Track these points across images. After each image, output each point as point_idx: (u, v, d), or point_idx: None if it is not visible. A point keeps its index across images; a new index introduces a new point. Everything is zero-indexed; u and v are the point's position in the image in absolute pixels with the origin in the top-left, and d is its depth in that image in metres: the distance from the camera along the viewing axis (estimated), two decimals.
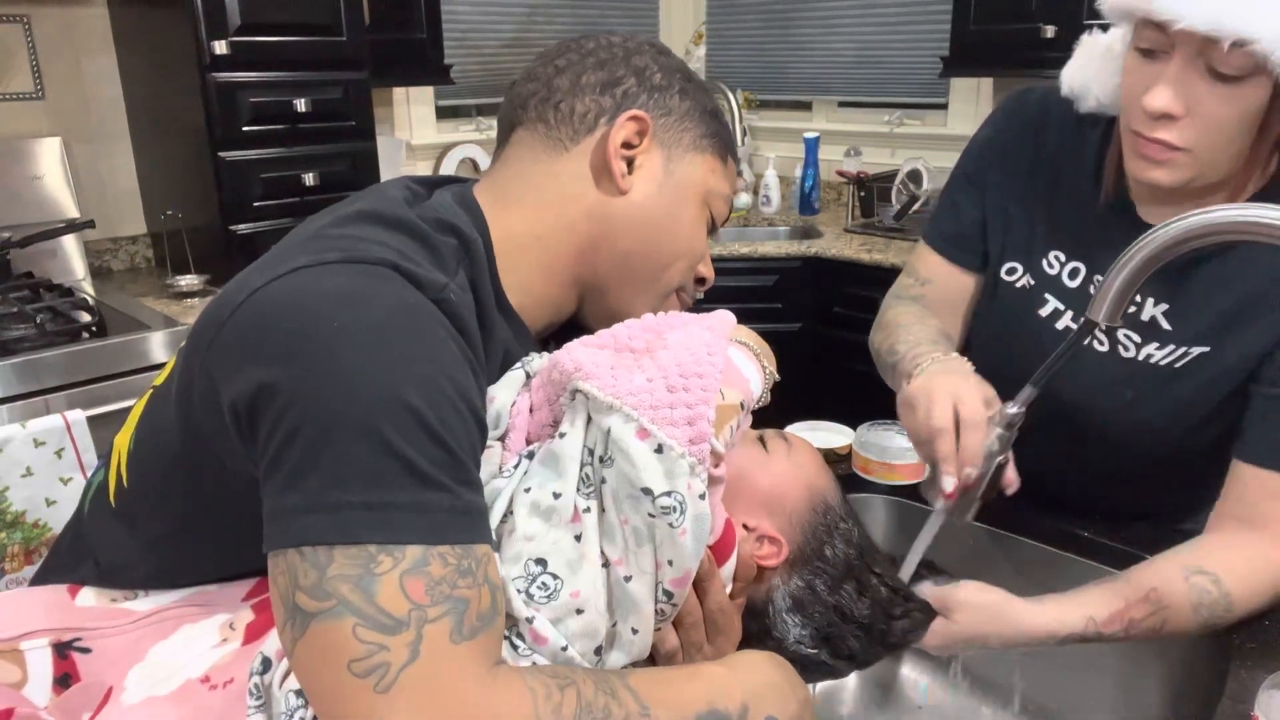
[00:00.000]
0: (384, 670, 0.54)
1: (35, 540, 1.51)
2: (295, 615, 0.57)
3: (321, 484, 0.57)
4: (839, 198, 3.30)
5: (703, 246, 0.88)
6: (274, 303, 0.62)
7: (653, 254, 0.84)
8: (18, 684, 0.67)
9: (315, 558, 0.56)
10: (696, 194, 0.85)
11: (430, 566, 0.57)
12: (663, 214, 0.83)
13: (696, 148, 0.84)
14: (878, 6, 3.20)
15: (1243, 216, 0.68)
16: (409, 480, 0.58)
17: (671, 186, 0.83)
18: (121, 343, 1.90)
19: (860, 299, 2.64)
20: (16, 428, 1.54)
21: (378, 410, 0.58)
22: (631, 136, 0.81)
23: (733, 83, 3.38)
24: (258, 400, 0.59)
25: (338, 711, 0.55)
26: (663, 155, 0.83)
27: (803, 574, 0.77)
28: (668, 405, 0.65)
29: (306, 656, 0.57)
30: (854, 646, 0.78)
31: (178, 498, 0.71)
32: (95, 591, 0.74)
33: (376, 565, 0.56)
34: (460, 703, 0.55)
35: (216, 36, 2.13)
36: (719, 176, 0.87)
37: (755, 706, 0.67)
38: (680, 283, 0.87)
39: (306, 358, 0.59)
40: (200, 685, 0.65)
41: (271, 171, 2.27)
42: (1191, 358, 0.94)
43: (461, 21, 3.13)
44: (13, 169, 2.24)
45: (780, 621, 0.76)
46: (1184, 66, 0.83)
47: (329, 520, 0.56)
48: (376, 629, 0.55)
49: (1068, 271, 1.01)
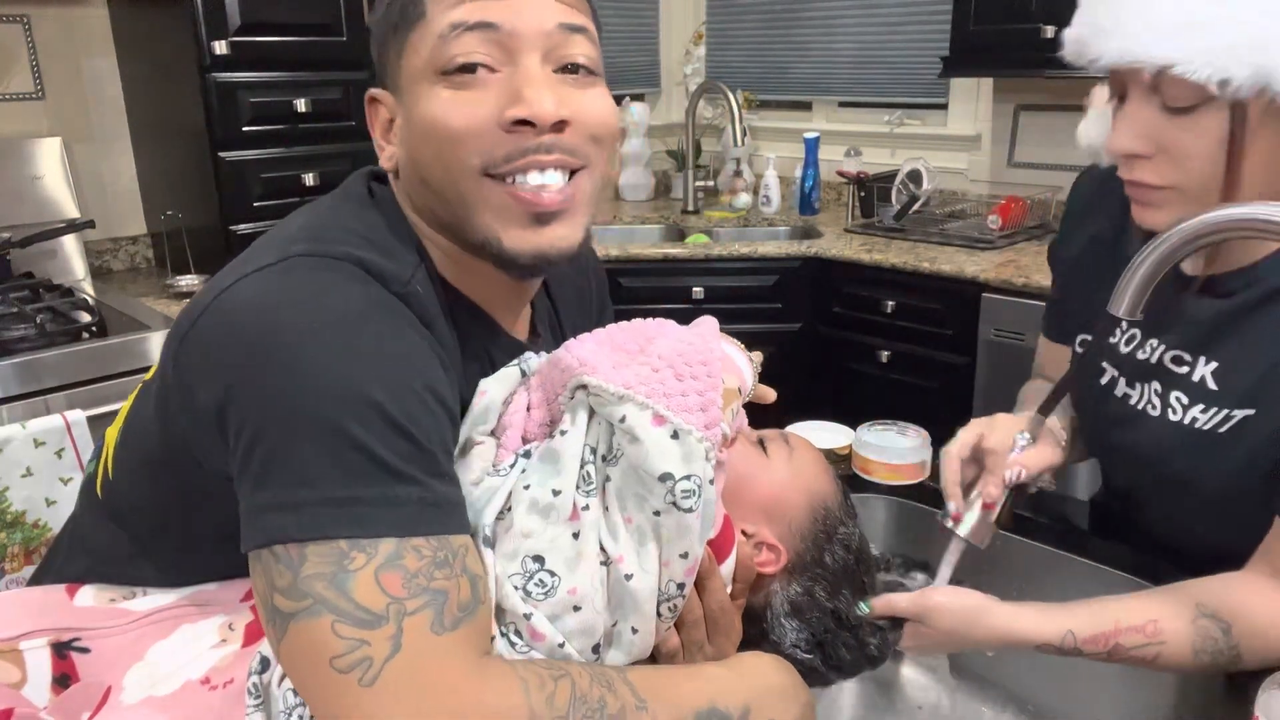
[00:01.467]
0: (367, 665, 0.54)
1: (35, 540, 1.51)
2: (275, 617, 0.57)
3: (288, 482, 0.57)
4: (839, 198, 3.30)
5: (457, 112, 0.69)
6: (236, 306, 0.62)
7: (430, 158, 0.72)
8: (17, 684, 0.67)
9: (288, 557, 0.56)
10: (418, 76, 0.71)
11: (405, 559, 0.57)
12: (414, 124, 0.72)
13: (399, 54, 0.73)
14: (878, 7, 3.19)
15: (1262, 214, 0.66)
16: (378, 474, 0.58)
17: (406, 105, 0.73)
18: (121, 343, 1.90)
19: (860, 299, 2.64)
20: (16, 428, 1.54)
21: (341, 407, 0.58)
22: (375, 119, 0.78)
23: (733, 83, 3.38)
24: (226, 403, 0.60)
25: (328, 710, 0.55)
26: (399, 99, 0.74)
27: (802, 580, 0.77)
28: (679, 393, 0.66)
29: (290, 656, 0.57)
30: (844, 656, 0.78)
31: (158, 496, 0.71)
32: (94, 592, 0.74)
33: (350, 561, 0.56)
34: (448, 692, 0.55)
35: (216, 36, 2.13)
36: (424, 41, 0.71)
37: (757, 709, 0.66)
38: (488, 151, 0.69)
39: (268, 359, 0.59)
40: (200, 686, 0.65)
41: (271, 171, 2.28)
42: (1235, 421, 0.87)
43: None
44: (13, 169, 2.24)
45: (778, 626, 0.77)
46: (1140, 105, 0.83)
47: (298, 517, 0.56)
48: (355, 624, 0.55)
49: (1125, 339, 0.98)
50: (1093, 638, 0.81)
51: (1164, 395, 0.93)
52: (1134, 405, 0.96)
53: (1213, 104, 0.79)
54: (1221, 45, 0.76)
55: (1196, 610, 0.82)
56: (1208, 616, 0.81)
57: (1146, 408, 0.95)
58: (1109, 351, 1.00)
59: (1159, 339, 0.94)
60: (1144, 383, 0.95)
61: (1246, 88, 0.77)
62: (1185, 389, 0.91)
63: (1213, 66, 0.76)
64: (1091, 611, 0.82)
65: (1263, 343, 0.86)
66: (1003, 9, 2.43)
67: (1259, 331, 0.87)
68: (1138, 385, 0.96)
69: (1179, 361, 0.92)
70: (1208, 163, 0.82)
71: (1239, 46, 0.76)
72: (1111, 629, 0.81)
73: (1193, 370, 0.91)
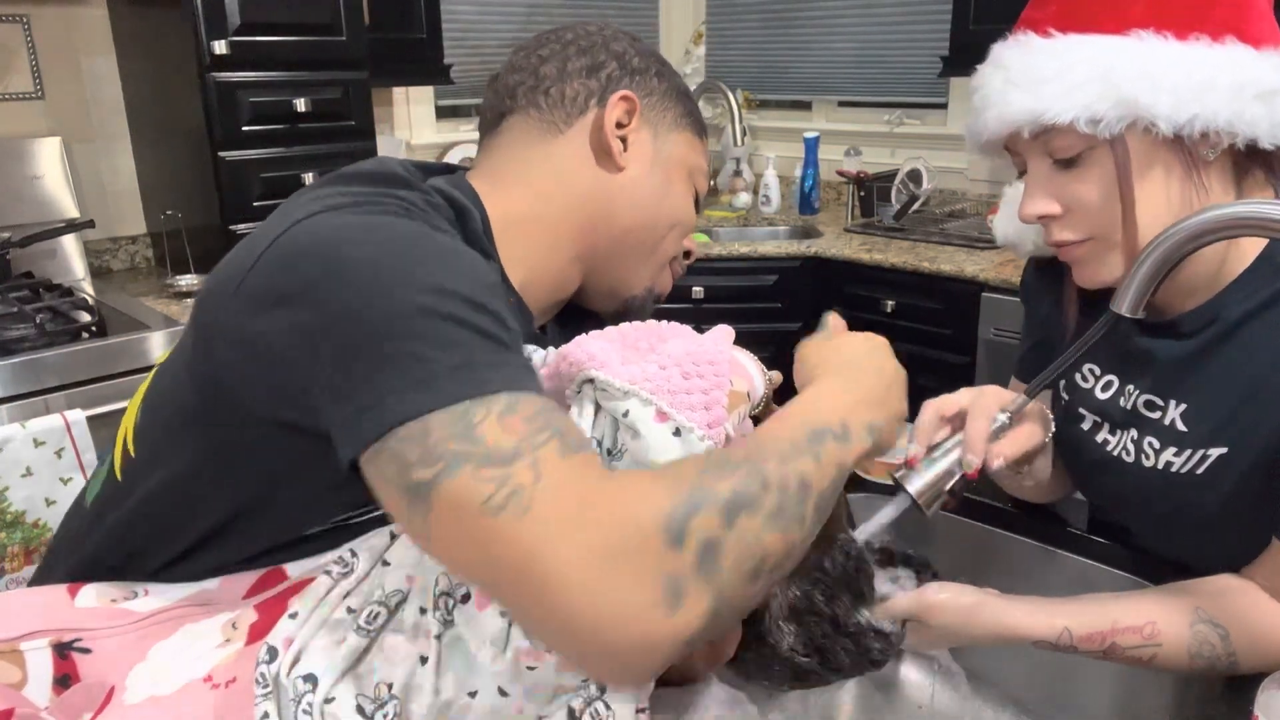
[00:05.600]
0: (518, 495, 0.54)
1: (35, 540, 1.51)
2: (415, 495, 0.56)
3: (400, 367, 0.58)
4: (839, 197, 3.30)
5: (693, 216, 0.93)
6: (303, 237, 0.64)
7: (650, 226, 0.89)
8: (18, 684, 0.67)
9: (412, 434, 0.57)
10: (682, 168, 0.91)
11: (520, 407, 0.58)
12: (657, 188, 0.88)
13: (678, 126, 0.90)
14: (878, 6, 3.20)
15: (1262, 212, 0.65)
16: (483, 342, 0.60)
17: (661, 162, 0.89)
18: (121, 343, 1.90)
19: (860, 299, 2.64)
20: (16, 428, 1.54)
21: (430, 296, 0.60)
22: (622, 116, 0.86)
23: (733, 83, 3.38)
24: (302, 331, 0.61)
25: (496, 557, 0.54)
26: (650, 133, 0.88)
27: (800, 583, 0.77)
28: (684, 390, 0.66)
29: (442, 529, 0.56)
30: (843, 660, 0.78)
31: (188, 453, 0.72)
32: (95, 592, 0.74)
33: (472, 416, 0.57)
34: (601, 497, 0.55)
35: (216, 36, 2.13)
36: (698, 153, 0.93)
37: (854, 419, 0.67)
38: (674, 252, 0.93)
39: (347, 273, 0.61)
40: (203, 685, 0.65)
41: (271, 171, 2.28)
42: (1211, 461, 0.87)
43: (461, 21, 3.13)
44: (13, 169, 2.24)
45: (775, 628, 0.77)
46: (1037, 169, 0.86)
47: (418, 393, 0.57)
48: (495, 465, 0.55)
49: (1101, 385, 0.99)
50: (1089, 636, 0.81)
51: (1138, 442, 0.93)
52: (1111, 452, 0.97)
53: (1096, 149, 0.82)
54: (1077, 85, 0.79)
55: (1195, 614, 0.82)
56: (1206, 622, 0.81)
57: (1122, 454, 0.95)
58: (1085, 398, 1.00)
59: (1134, 385, 0.94)
60: (1122, 430, 0.96)
61: (1115, 122, 0.79)
62: (1157, 434, 0.92)
63: (1076, 108, 0.79)
64: (1089, 609, 0.82)
65: (1226, 381, 0.86)
66: (1003, 9, 2.43)
67: (1221, 370, 0.87)
68: (1117, 432, 0.96)
69: (1151, 406, 0.92)
70: (1108, 208, 0.83)
71: (1093, 82, 0.79)
72: (1109, 628, 0.81)
73: (1164, 414, 0.91)
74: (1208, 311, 0.87)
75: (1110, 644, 0.81)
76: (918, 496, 0.84)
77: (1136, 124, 0.79)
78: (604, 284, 0.90)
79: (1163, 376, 0.91)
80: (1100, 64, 0.79)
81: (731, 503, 0.56)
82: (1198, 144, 0.81)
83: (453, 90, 3.08)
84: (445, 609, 0.63)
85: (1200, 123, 0.78)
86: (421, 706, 0.61)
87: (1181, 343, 0.89)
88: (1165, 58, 0.79)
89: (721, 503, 0.56)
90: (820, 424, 0.65)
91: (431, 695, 0.61)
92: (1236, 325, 0.86)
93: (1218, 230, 0.68)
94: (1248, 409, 0.85)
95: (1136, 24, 0.80)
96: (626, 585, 0.52)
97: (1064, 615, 0.82)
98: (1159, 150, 0.81)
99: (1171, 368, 0.90)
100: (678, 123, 0.90)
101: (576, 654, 0.56)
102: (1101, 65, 0.79)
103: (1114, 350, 0.97)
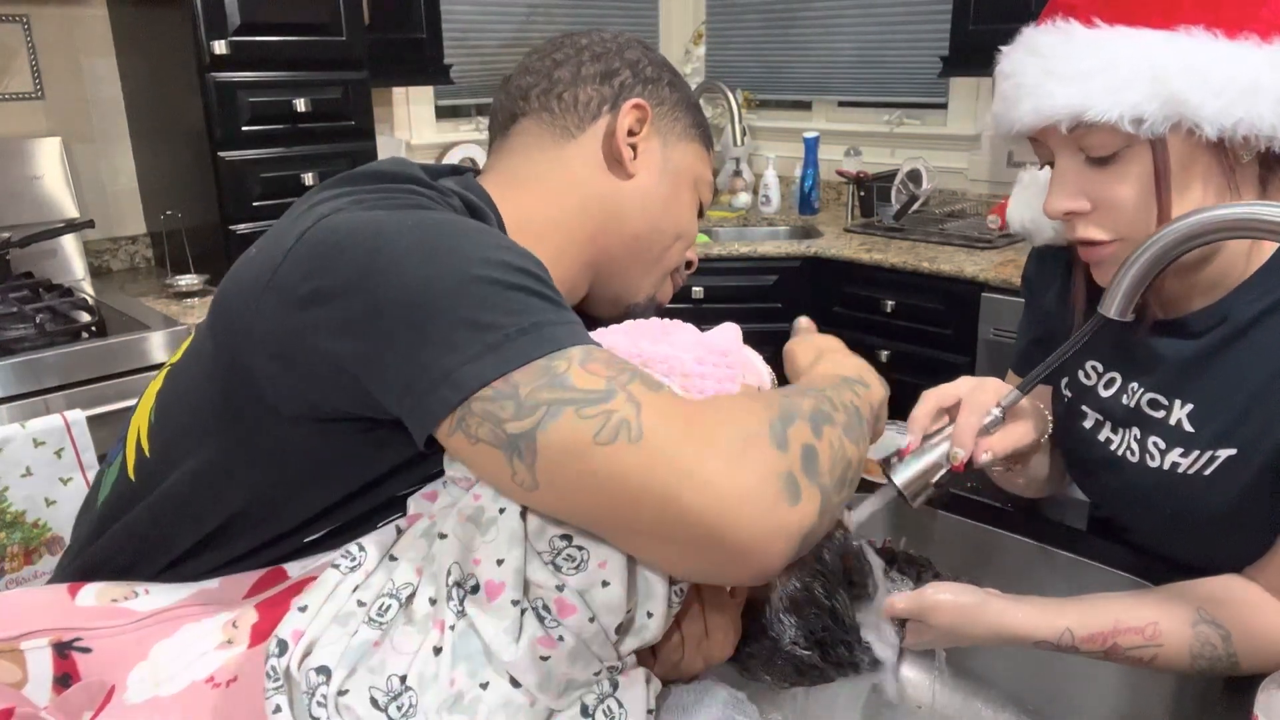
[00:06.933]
0: (626, 426, 0.56)
1: (35, 540, 1.51)
2: (518, 444, 0.58)
3: (470, 335, 0.59)
4: (839, 197, 3.30)
5: (695, 228, 0.94)
6: (337, 232, 0.65)
7: (657, 233, 0.90)
8: (18, 684, 0.67)
9: (500, 393, 0.58)
10: (689, 179, 0.92)
11: (595, 354, 0.60)
12: (665, 196, 0.89)
13: (687, 136, 0.92)
14: (878, 6, 3.20)
15: (1257, 214, 0.64)
16: (542, 303, 0.62)
17: (670, 171, 0.90)
18: (121, 343, 1.91)
19: (860, 299, 2.64)
20: (16, 428, 1.54)
21: (482, 266, 0.61)
22: (634, 124, 0.86)
23: (733, 83, 3.38)
24: (355, 322, 0.61)
25: (616, 487, 0.57)
26: (660, 142, 0.89)
27: (801, 575, 0.77)
28: (698, 375, 0.67)
29: (551, 473, 0.58)
30: (844, 654, 0.78)
31: (210, 451, 0.72)
32: (95, 591, 0.74)
33: (557, 366, 0.59)
34: (704, 416, 0.59)
35: (216, 36, 2.13)
36: (704, 164, 0.94)
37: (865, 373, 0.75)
38: (677, 263, 0.94)
39: (396, 260, 0.61)
40: (204, 685, 0.65)
41: (271, 171, 2.28)
42: (1220, 463, 0.86)
43: (461, 21, 3.13)
44: (13, 169, 2.24)
45: (776, 621, 0.77)
46: (1067, 163, 0.83)
47: (494, 355, 0.58)
48: (594, 403, 0.57)
49: (1104, 382, 0.98)
50: (1090, 636, 0.81)
51: (1142, 441, 0.93)
52: (1115, 451, 0.96)
53: (1134, 148, 0.79)
54: (1123, 82, 0.76)
55: (1197, 615, 0.81)
56: (1208, 623, 0.81)
57: (1126, 454, 0.94)
58: (1088, 395, 0.99)
59: (1138, 383, 0.93)
60: (1125, 428, 0.95)
61: (1160, 122, 0.76)
62: (1162, 433, 0.91)
63: (1121, 105, 0.76)
64: (1090, 609, 0.82)
65: (1236, 382, 0.85)
66: (1003, 9, 2.44)
67: (1230, 371, 0.86)
68: (1120, 431, 0.96)
69: (1155, 405, 0.92)
70: (1143, 210, 0.81)
71: (1140, 79, 0.76)
72: (1110, 629, 0.81)
73: (1169, 414, 0.90)
74: (1218, 311, 0.86)
75: (1111, 644, 0.81)
76: (904, 487, 0.84)
77: (1180, 125, 0.77)
78: (609, 290, 0.91)
79: (1168, 375, 0.91)
80: (1148, 61, 0.76)
81: (815, 417, 0.62)
82: (1238, 147, 0.79)
83: (452, 90, 3.08)
84: (458, 599, 0.63)
85: (1244, 126, 0.76)
86: (435, 698, 0.61)
87: (1189, 342, 0.89)
88: (1214, 57, 0.75)
89: (808, 415, 0.62)
90: (845, 374, 0.72)
91: (445, 686, 0.61)
92: (1248, 325, 0.85)
93: (1210, 233, 0.67)
94: (1259, 410, 0.84)
95: (1186, 19, 0.76)
96: (754, 482, 0.56)
97: (1065, 616, 0.81)
98: (1199, 153, 0.79)
99: (1178, 367, 0.90)
100: (687, 133, 0.91)
101: (715, 549, 0.57)
102: (1149, 62, 0.76)
103: (1117, 348, 0.97)
